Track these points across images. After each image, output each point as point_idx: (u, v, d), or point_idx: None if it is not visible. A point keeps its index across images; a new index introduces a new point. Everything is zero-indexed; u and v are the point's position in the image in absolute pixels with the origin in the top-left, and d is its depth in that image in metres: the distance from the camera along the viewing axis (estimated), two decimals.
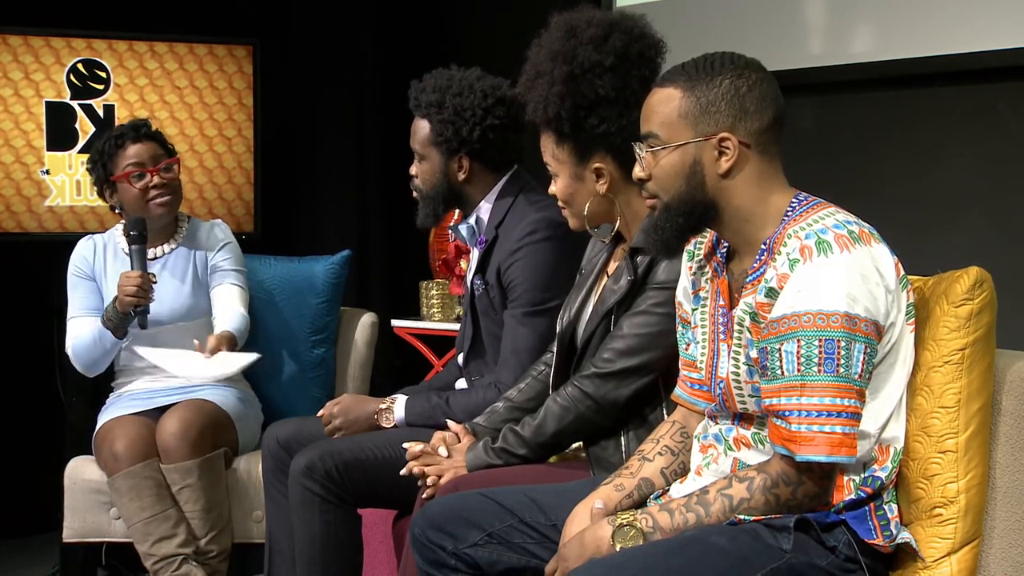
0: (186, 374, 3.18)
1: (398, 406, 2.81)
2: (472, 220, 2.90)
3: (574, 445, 2.54)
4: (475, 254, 2.92)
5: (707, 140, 1.94)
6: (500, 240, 2.81)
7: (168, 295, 3.32)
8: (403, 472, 2.51)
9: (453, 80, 2.86)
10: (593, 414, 2.38)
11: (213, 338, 3.19)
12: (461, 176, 2.87)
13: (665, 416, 2.31)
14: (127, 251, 3.35)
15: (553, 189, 2.49)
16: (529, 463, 2.44)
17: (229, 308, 3.38)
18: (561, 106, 2.35)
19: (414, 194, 2.95)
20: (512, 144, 2.88)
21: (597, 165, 2.39)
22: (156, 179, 3.31)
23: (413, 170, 2.93)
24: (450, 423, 2.59)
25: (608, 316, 2.39)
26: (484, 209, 2.88)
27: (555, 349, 2.55)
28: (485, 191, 2.88)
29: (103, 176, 3.34)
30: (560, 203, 2.49)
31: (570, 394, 2.40)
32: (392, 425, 2.81)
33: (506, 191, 2.86)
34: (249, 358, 3.17)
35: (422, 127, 2.89)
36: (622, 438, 2.38)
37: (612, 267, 2.49)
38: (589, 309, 2.48)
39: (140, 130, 3.35)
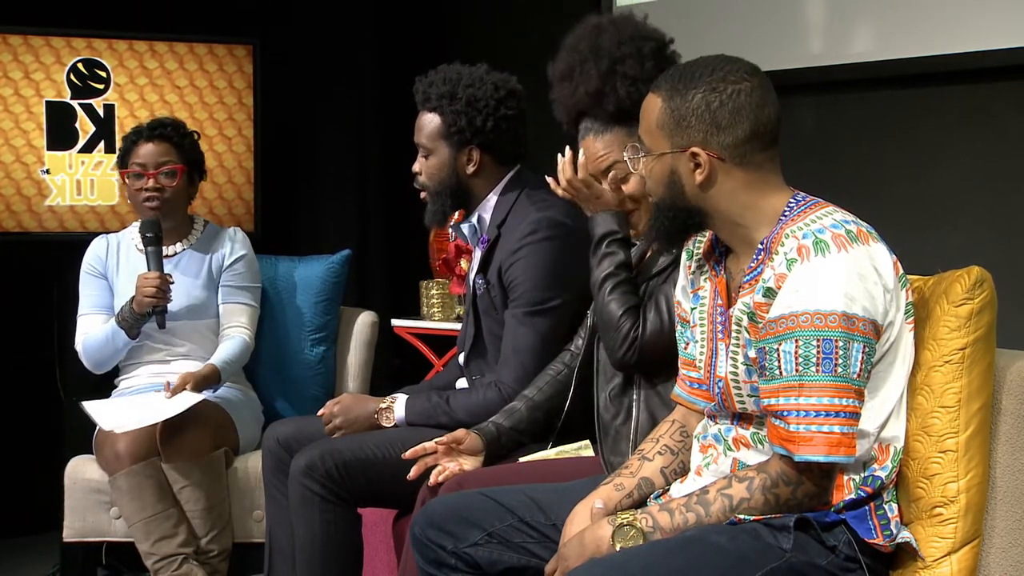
0: (114, 425, 3.14)
1: (398, 405, 2.81)
2: (474, 219, 2.90)
3: (576, 444, 2.55)
4: (477, 253, 2.92)
5: (681, 152, 1.94)
6: (502, 239, 2.81)
7: (179, 294, 3.33)
8: (407, 455, 2.54)
9: (462, 73, 2.86)
10: (629, 351, 2.36)
11: (179, 377, 3.21)
12: (470, 169, 2.86)
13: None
14: (141, 249, 3.38)
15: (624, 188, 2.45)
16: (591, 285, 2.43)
17: (231, 336, 3.40)
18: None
19: (422, 195, 2.93)
20: (520, 138, 2.88)
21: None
22: (151, 182, 3.35)
23: (416, 167, 2.91)
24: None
25: (646, 283, 2.40)
26: (487, 207, 2.88)
27: (580, 352, 2.57)
28: (490, 186, 2.87)
29: (118, 168, 3.44)
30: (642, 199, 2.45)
31: (627, 328, 2.36)
32: (392, 425, 2.81)
33: (509, 188, 2.86)
34: (191, 401, 3.14)
35: (431, 121, 2.87)
36: (633, 407, 2.37)
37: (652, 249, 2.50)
38: None
39: (155, 130, 3.41)
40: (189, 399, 3.15)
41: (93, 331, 3.36)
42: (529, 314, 2.73)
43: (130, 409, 3.19)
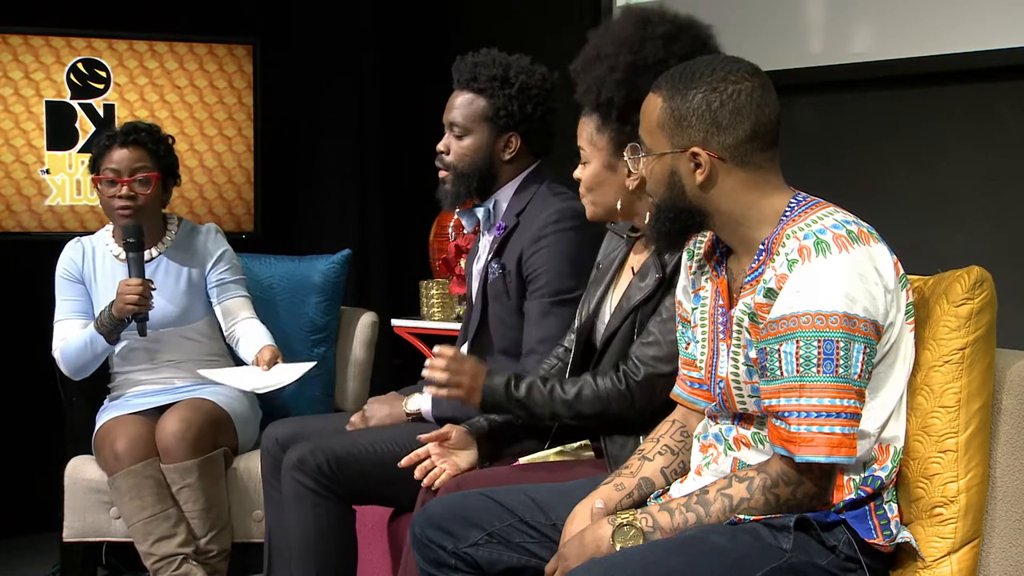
0: (250, 386, 3.21)
1: (424, 397, 2.80)
2: (490, 204, 2.89)
3: (576, 444, 2.54)
4: (487, 239, 2.91)
5: (682, 153, 1.94)
6: (521, 227, 2.80)
7: (160, 301, 3.28)
8: (403, 463, 2.52)
9: (511, 60, 2.85)
10: (627, 411, 2.36)
11: (267, 350, 3.23)
12: (506, 155, 2.85)
13: None
14: (117, 255, 3.36)
15: (578, 174, 2.47)
16: (537, 423, 2.44)
17: (253, 323, 3.41)
18: (616, 93, 2.34)
19: (441, 173, 2.90)
20: (554, 132, 2.87)
21: None
22: (124, 190, 3.27)
23: (443, 146, 2.88)
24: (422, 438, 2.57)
25: (634, 312, 2.38)
26: (505, 194, 2.88)
27: (572, 345, 2.55)
28: (515, 174, 2.87)
29: (91, 171, 3.35)
30: (583, 189, 2.48)
31: (608, 388, 2.36)
32: (416, 410, 2.80)
33: (531, 179, 2.86)
34: (306, 366, 3.21)
35: (473, 101, 2.84)
36: (641, 438, 2.37)
37: (634, 260, 2.48)
38: (610, 305, 2.48)
39: (129, 135, 3.31)
40: (294, 370, 3.19)
41: (71, 337, 3.31)
42: (556, 303, 2.72)
43: (247, 376, 3.23)
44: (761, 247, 1.93)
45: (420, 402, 2.82)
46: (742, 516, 1.88)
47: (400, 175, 4.66)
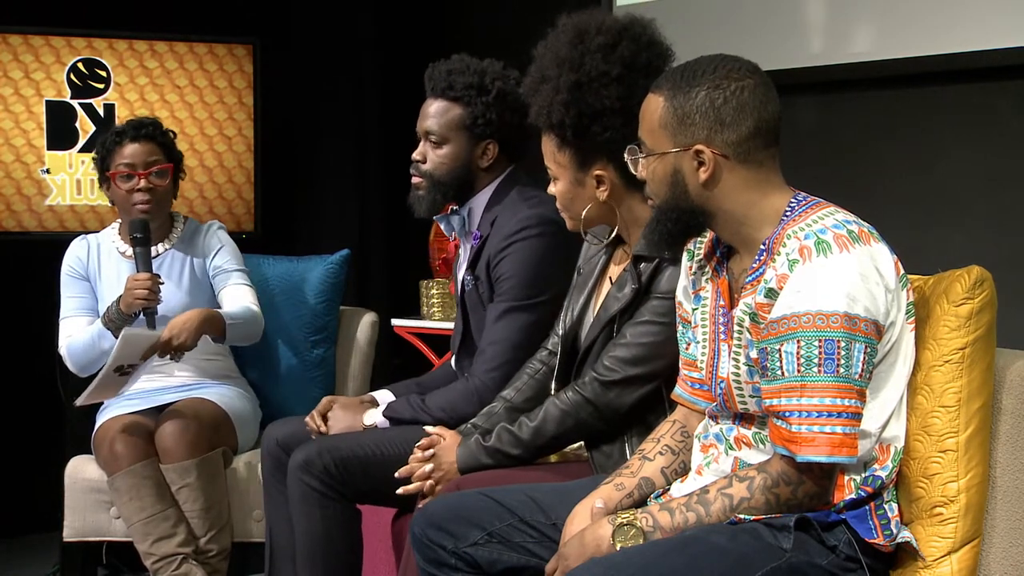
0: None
1: (379, 412, 2.80)
2: (465, 212, 2.89)
3: (575, 444, 2.54)
4: (466, 250, 2.91)
5: (685, 151, 1.94)
6: (492, 234, 2.80)
7: (166, 296, 3.29)
8: (399, 473, 2.52)
9: (485, 66, 2.83)
10: (595, 420, 2.38)
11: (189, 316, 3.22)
12: (484, 162, 2.84)
13: None
14: (122, 251, 3.37)
15: (552, 190, 2.48)
16: (523, 463, 2.44)
17: (236, 303, 3.37)
18: (565, 114, 2.33)
19: (414, 180, 2.88)
20: (530, 136, 2.86)
21: (598, 172, 2.38)
22: (143, 183, 3.30)
23: (419, 154, 2.86)
24: (427, 428, 2.58)
25: (611, 323, 2.38)
26: (479, 202, 2.86)
27: (558, 350, 2.55)
28: (490, 181, 2.86)
29: (100, 169, 3.36)
30: (558, 206, 2.48)
31: (571, 399, 2.39)
32: (372, 424, 2.80)
33: (504, 184, 2.85)
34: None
35: (449, 110, 2.83)
36: (626, 445, 2.37)
37: (613, 270, 2.48)
38: (591, 314, 2.48)
39: (140, 130, 3.34)
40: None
41: (77, 334, 3.31)
42: (511, 310, 2.71)
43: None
44: (762, 247, 1.93)
45: (375, 417, 2.80)
46: (742, 516, 1.88)
47: (400, 175, 4.63)
